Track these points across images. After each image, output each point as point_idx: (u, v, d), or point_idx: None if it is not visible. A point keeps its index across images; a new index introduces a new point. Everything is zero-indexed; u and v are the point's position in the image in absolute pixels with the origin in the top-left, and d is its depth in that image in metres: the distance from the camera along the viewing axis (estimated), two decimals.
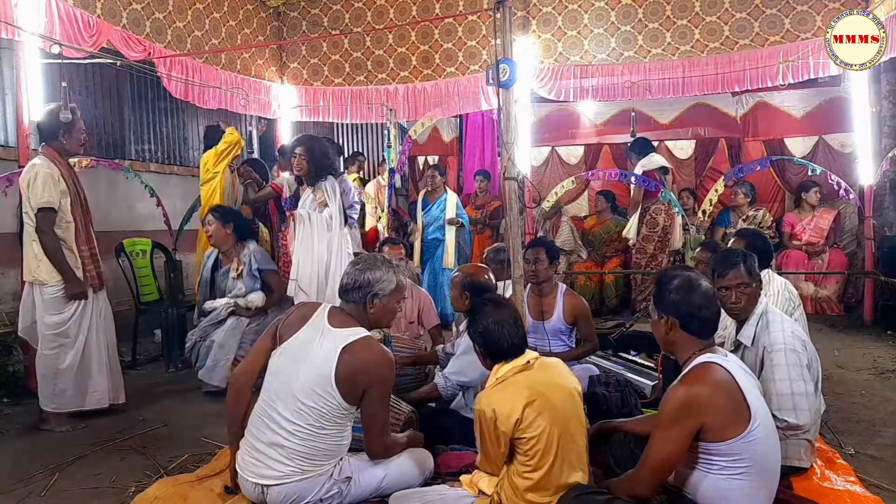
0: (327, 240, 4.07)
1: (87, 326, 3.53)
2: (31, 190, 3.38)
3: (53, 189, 3.40)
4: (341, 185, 4.92)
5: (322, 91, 6.81)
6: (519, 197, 3.15)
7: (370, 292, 2.38)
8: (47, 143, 3.56)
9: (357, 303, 2.40)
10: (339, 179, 4.32)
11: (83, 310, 3.51)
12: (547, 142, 7.94)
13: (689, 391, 1.92)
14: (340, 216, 4.15)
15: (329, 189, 4.12)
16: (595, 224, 7.09)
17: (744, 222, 6.52)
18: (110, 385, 3.63)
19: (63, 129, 3.53)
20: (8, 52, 4.70)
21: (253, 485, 2.27)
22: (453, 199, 6.47)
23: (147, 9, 4.95)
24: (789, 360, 2.45)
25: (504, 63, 2.89)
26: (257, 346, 2.53)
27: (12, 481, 2.79)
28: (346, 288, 2.41)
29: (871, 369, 4.29)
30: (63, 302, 3.45)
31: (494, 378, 2.23)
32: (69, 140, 3.58)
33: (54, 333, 3.44)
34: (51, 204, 3.39)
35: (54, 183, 3.42)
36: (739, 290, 2.58)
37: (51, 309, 3.44)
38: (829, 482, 2.56)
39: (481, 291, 3.28)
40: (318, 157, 4.15)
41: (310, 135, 4.15)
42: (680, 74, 5.70)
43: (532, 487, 2.09)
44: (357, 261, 2.49)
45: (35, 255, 3.41)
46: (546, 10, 6.03)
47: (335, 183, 4.17)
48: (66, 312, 3.46)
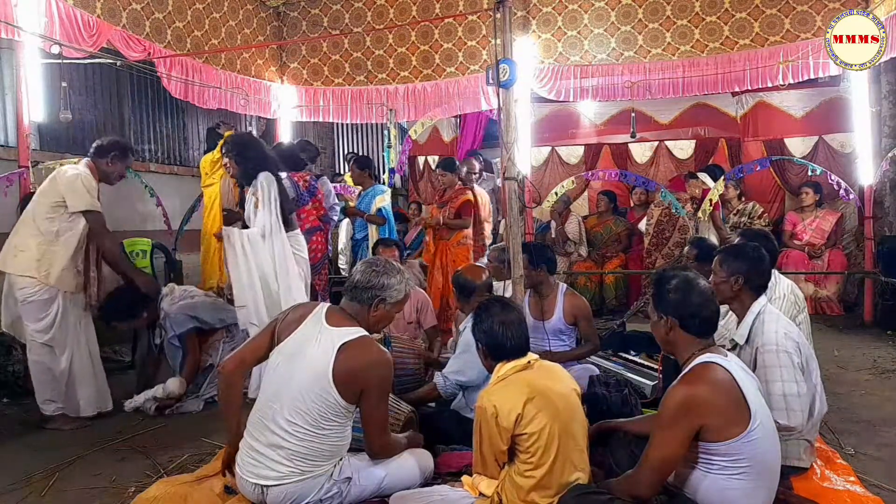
0: (264, 249, 3.60)
1: (73, 333, 3.49)
2: (74, 193, 3.42)
3: (94, 196, 3.50)
4: (323, 187, 4.83)
5: (322, 91, 6.82)
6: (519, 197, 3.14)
7: (379, 296, 2.38)
8: (93, 158, 3.62)
9: (362, 303, 2.39)
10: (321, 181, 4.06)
11: (64, 314, 3.45)
12: (547, 142, 7.95)
13: (688, 391, 1.92)
14: (277, 218, 3.65)
15: (263, 186, 3.65)
16: (596, 224, 7.10)
17: (735, 216, 6.50)
18: (96, 393, 3.59)
19: (115, 154, 3.62)
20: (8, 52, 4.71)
21: (252, 485, 2.26)
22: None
23: (147, 9, 4.95)
24: (781, 362, 2.44)
25: (504, 63, 2.89)
26: (252, 339, 2.52)
27: (12, 481, 2.78)
28: (358, 286, 2.38)
29: (870, 369, 4.29)
30: (41, 306, 3.39)
31: (496, 377, 2.24)
32: (113, 166, 3.65)
33: (41, 343, 3.41)
34: (98, 207, 3.48)
35: (94, 193, 3.51)
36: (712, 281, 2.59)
37: (30, 316, 3.40)
38: (829, 482, 2.56)
39: (466, 290, 3.29)
40: (245, 154, 3.76)
41: (240, 133, 3.81)
42: (680, 74, 5.70)
43: (534, 486, 2.09)
44: (375, 262, 2.45)
45: (17, 247, 3.38)
46: (546, 10, 6.03)
47: (271, 180, 3.68)
48: (47, 318, 3.41)
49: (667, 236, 6.31)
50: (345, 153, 9.60)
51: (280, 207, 3.68)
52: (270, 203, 3.62)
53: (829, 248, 6.27)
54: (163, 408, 3.67)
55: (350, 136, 9.86)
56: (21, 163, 4.34)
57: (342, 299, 2.45)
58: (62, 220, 3.45)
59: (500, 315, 2.27)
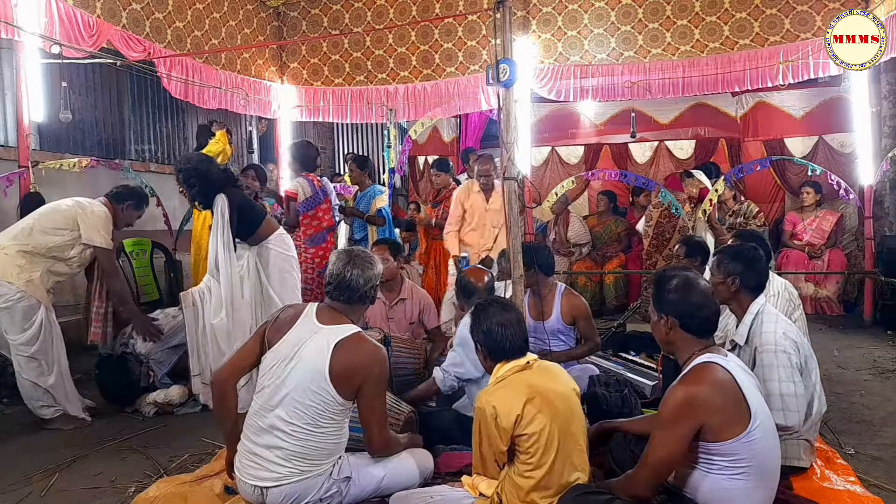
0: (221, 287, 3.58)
1: (57, 344, 3.45)
2: (95, 228, 3.52)
3: (110, 236, 3.63)
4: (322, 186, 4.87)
5: (322, 91, 6.81)
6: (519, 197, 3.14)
7: (370, 296, 2.42)
8: (110, 200, 3.73)
9: (353, 302, 2.39)
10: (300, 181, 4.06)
11: (49, 326, 3.40)
12: (547, 142, 7.96)
13: (688, 391, 1.92)
14: (228, 238, 3.60)
15: (216, 207, 3.61)
16: (596, 224, 7.10)
17: (731, 217, 6.50)
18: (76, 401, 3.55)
19: (131, 204, 3.80)
20: (8, 52, 4.71)
21: (252, 487, 2.26)
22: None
23: (147, 9, 4.95)
24: (779, 362, 2.44)
25: (504, 63, 2.89)
26: (243, 346, 2.51)
27: (12, 481, 2.78)
28: (348, 288, 2.37)
29: (870, 369, 4.29)
30: (23, 315, 3.31)
31: (495, 377, 2.24)
32: (127, 213, 3.81)
33: (27, 356, 3.34)
34: (111, 246, 3.64)
35: (110, 234, 3.63)
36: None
37: (13, 327, 3.32)
38: (828, 482, 2.56)
39: (468, 291, 3.31)
40: (195, 179, 3.64)
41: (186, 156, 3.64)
42: (680, 74, 5.70)
43: (535, 487, 2.09)
44: (351, 261, 2.39)
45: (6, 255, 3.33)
46: (546, 10, 6.03)
47: (223, 198, 3.61)
48: (31, 328, 3.34)
49: (667, 238, 6.30)
50: (345, 153, 9.60)
51: (247, 219, 3.67)
52: (218, 225, 3.60)
53: (830, 248, 6.27)
54: (162, 413, 3.67)
55: (350, 137, 9.86)
56: (21, 163, 4.34)
57: (326, 297, 2.43)
58: (63, 241, 3.45)
59: (498, 315, 2.26)
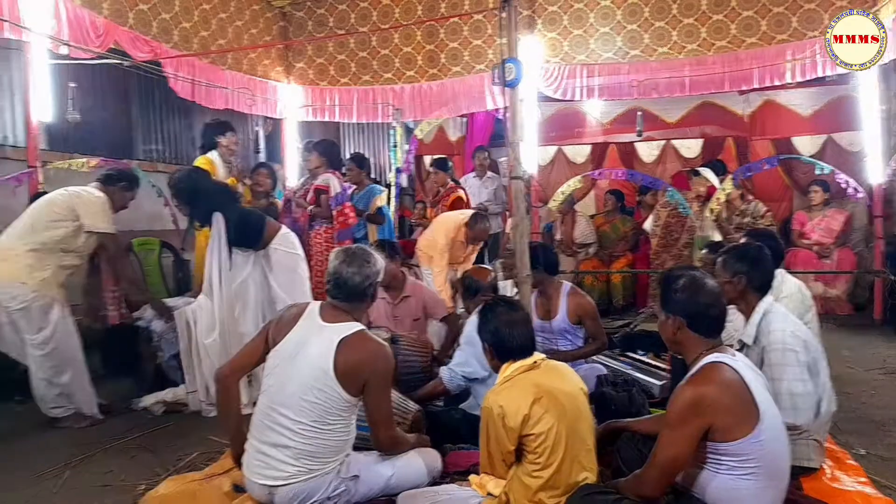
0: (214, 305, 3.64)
1: (72, 340, 3.45)
2: (95, 214, 3.49)
3: (111, 220, 3.59)
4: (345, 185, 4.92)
5: (328, 91, 6.83)
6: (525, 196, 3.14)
7: (371, 294, 2.42)
8: (104, 185, 3.68)
9: (354, 300, 2.39)
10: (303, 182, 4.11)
11: (63, 322, 3.39)
12: (553, 141, 7.93)
13: (696, 391, 1.91)
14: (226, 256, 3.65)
15: (213, 225, 3.66)
16: (603, 223, 7.09)
17: (738, 217, 6.46)
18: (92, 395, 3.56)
19: (125, 185, 3.74)
20: (16, 52, 4.73)
21: (260, 486, 2.27)
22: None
23: (154, 9, 4.97)
24: (787, 360, 2.43)
25: (510, 62, 2.88)
26: (247, 345, 2.52)
27: (24, 479, 2.80)
28: (349, 287, 2.36)
29: (880, 369, 4.26)
30: (39, 315, 3.30)
31: (502, 377, 2.23)
32: (121, 195, 3.74)
33: (41, 355, 3.32)
34: (115, 230, 3.58)
35: (111, 218, 3.60)
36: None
37: (29, 327, 3.30)
38: (839, 483, 2.55)
39: (472, 289, 3.32)
40: (189, 196, 3.66)
41: (178, 176, 3.71)
42: (687, 73, 5.68)
43: (542, 486, 2.08)
44: (350, 260, 2.39)
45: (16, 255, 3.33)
46: (552, 9, 6.02)
47: (217, 217, 3.65)
48: (47, 328, 3.32)
49: (675, 237, 6.28)
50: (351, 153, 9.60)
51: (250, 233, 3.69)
52: (215, 245, 3.64)
53: (839, 247, 6.22)
54: (171, 411, 3.68)
55: (356, 136, 9.87)
56: (30, 163, 4.37)
57: (328, 296, 2.43)
58: (67, 232, 3.43)
59: (505, 315, 2.26)
